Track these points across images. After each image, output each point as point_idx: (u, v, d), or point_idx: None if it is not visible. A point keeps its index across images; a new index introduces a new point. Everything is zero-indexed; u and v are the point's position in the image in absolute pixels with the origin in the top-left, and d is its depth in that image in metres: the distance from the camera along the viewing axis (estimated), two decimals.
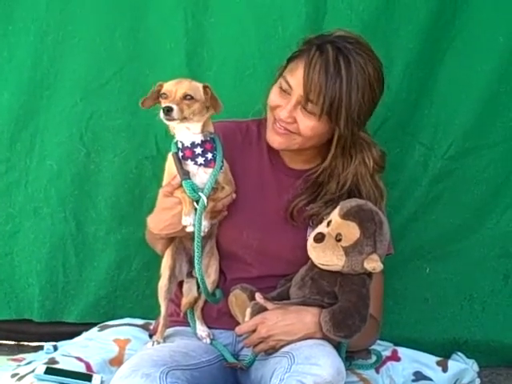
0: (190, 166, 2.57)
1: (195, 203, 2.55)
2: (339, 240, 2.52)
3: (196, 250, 2.56)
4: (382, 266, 2.51)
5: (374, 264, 2.50)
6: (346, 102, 2.55)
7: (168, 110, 2.48)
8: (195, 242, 2.56)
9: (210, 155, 2.58)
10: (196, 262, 2.57)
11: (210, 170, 2.57)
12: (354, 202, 2.58)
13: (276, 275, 2.74)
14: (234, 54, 3.14)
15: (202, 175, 2.58)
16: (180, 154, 2.57)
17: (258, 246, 2.73)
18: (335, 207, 2.60)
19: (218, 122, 2.69)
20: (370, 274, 2.56)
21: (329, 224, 2.57)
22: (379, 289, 2.79)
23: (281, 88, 2.64)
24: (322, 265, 2.56)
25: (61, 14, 3.12)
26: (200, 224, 2.55)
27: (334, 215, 2.57)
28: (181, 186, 2.57)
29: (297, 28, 3.07)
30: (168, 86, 2.55)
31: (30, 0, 3.12)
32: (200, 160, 2.57)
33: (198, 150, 2.57)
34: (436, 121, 3.20)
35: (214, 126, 2.66)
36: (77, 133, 3.20)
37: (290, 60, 2.68)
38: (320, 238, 2.55)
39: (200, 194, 2.54)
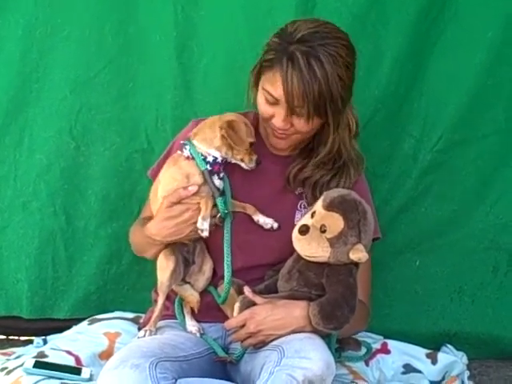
0: (215, 180, 2.65)
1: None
2: (324, 231, 2.52)
3: (226, 259, 2.64)
4: (367, 255, 2.51)
5: (359, 254, 2.50)
6: (329, 98, 2.55)
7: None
8: (225, 252, 2.64)
9: (222, 172, 2.68)
10: (226, 271, 2.64)
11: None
12: (336, 192, 2.59)
13: (261, 265, 2.74)
14: (224, 47, 3.13)
15: (221, 188, 2.68)
16: (209, 167, 2.63)
17: (243, 235, 2.73)
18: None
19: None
20: (356, 264, 2.55)
21: (313, 215, 2.56)
22: (367, 274, 2.79)
23: (267, 100, 2.63)
24: (308, 257, 2.56)
25: (50, 6, 3.10)
26: (230, 236, 2.65)
27: (318, 206, 2.57)
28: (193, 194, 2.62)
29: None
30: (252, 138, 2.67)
31: None
32: (221, 175, 2.67)
33: (220, 166, 2.67)
34: (425, 113, 3.20)
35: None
36: (66, 126, 3.18)
37: (263, 68, 2.64)
38: (305, 230, 2.55)
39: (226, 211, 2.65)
